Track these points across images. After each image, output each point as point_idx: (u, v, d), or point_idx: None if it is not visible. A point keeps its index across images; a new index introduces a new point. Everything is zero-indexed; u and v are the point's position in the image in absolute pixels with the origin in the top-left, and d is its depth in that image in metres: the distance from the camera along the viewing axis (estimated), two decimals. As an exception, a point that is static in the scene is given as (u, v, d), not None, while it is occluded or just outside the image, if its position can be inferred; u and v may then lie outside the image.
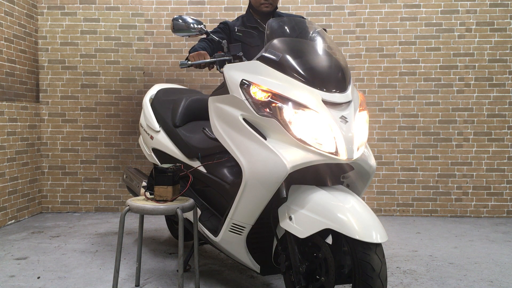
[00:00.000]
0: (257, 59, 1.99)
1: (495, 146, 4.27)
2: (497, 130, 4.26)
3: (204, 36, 2.57)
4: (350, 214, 1.69)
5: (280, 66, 1.92)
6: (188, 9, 4.32)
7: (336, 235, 1.79)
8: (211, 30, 2.65)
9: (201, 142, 2.56)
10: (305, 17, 2.81)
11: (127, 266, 2.79)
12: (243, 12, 4.29)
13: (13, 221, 3.93)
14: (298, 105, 1.82)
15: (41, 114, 4.37)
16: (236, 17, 2.82)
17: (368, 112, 2.03)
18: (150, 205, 2.18)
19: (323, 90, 1.86)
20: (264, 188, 1.84)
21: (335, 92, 1.88)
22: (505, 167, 4.26)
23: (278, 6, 2.85)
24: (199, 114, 2.85)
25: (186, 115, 2.82)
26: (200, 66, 2.30)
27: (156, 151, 2.96)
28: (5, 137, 3.81)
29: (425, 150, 4.29)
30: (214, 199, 2.48)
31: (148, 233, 3.62)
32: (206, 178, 2.48)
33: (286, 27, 2.14)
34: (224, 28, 2.70)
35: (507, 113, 4.26)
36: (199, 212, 2.45)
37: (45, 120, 4.37)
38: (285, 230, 1.88)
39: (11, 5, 3.91)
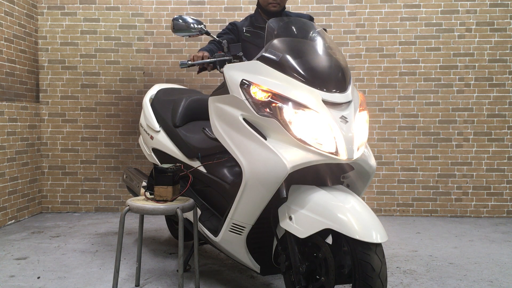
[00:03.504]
0: (257, 59, 1.99)
1: (495, 146, 4.27)
2: (497, 130, 4.26)
3: (203, 36, 2.56)
4: (350, 214, 1.69)
5: (280, 66, 1.92)
6: (188, 9, 4.32)
7: (336, 235, 1.79)
8: (220, 31, 2.64)
9: (201, 142, 2.56)
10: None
11: (127, 266, 2.79)
12: (243, 12, 4.30)
13: (13, 221, 3.93)
14: (298, 105, 1.82)
15: (41, 114, 4.37)
16: (244, 17, 2.81)
17: (368, 112, 2.03)
18: (150, 205, 2.18)
19: (323, 90, 1.86)
20: (264, 188, 1.84)
21: (335, 92, 1.88)
22: (505, 167, 4.26)
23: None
24: (199, 114, 2.85)
25: (186, 115, 2.82)
26: (203, 67, 2.29)
27: (156, 151, 2.96)
28: (5, 137, 3.81)
29: (425, 150, 4.29)
30: (214, 199, 2.48)
31: (148, 233, 3.62)
32: (206, 178, 2.48)
33: (285, 27, 2.13)
34: (232, 29, 2.69)
35: (507, 113, 4.25)
36: (199, 212, 2.45)
37: (45, 120, 4.37)
38: (285, 230, 1.88)
39: (11, 5, 3.91)
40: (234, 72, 2.01)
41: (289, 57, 1.93)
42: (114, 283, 2.28)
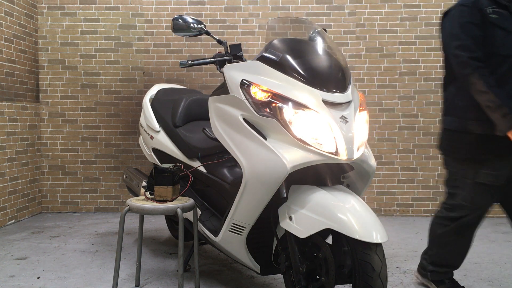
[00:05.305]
0: (257, 59, 1.99)
1: (495, 146, 4.26)
2: (497, 130, 4.25)
3: (203, 36, 2.55)
4: (350, 214, 1.69)
5: (280, 66, 1.92)
6: (188, 9, 4.32)
7: (336, 235, 1.79)
8: (463, 21, 2.10)
9: (201, 142, 2.56)
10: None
11: (127, 266, 2.79)
12: (243, 11, 4.29)
13: (13, 221, 3.93)
14: (298, 105, 1.82)
15: (41, 114, 4.37)
16: None
17: (368, 112, 2.03)
18: (150, 205, 2.18)
19: (323, 90, 1.86)
20: (264, 188, 1.84)
21: (335, 92, 1.88)
22: (505, 167, 4.26)
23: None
24: (199, 114, 2.85)
25: (186, 115, 2.82)
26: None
27: (156, 151, 2.96)
28: (5, 137, 3.81)
29: (425, 150, 4.29)
30: (214, 199, 2.48)
31: (148, 233, 3.62)
32: (206, 178, 2.48)
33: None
34: (472, 13, 2.09)
35: (507, 113, 4.25)
36: (199, 212, 2.45)
37: (45, 120, 4.37)
38: (285, 230, 1.88)
39: (11, 5, 3.91)
40: (234, 72, 2.01)
41: (289, 57, 1.93)
42: (114, 283, 2.28)
